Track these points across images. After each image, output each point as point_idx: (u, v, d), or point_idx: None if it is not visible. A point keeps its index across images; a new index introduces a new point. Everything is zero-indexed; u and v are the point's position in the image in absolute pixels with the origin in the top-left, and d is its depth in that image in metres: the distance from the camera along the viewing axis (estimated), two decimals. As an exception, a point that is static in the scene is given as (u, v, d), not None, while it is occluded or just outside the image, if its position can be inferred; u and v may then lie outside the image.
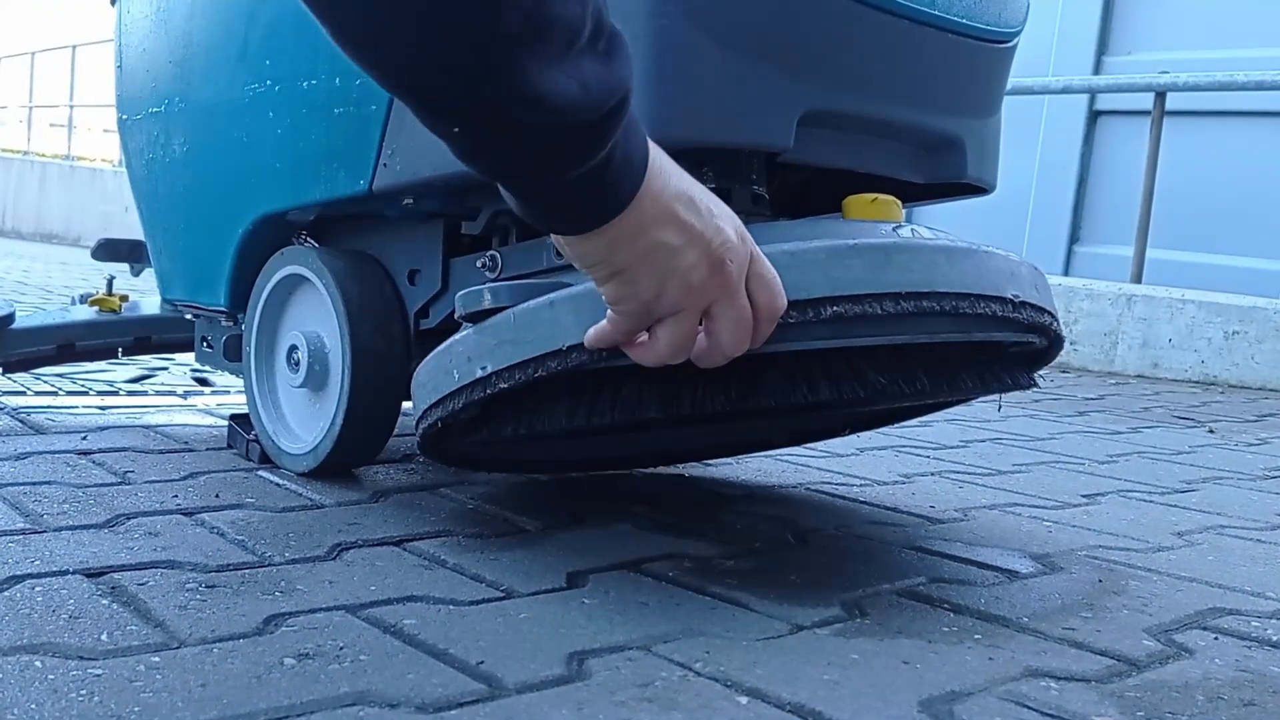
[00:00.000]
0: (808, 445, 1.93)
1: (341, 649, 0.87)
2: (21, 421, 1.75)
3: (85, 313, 1.96)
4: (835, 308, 0.97)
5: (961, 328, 1.05)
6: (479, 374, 1.03)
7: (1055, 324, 1.13)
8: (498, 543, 1.21)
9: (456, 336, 1.09)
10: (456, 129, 0.76)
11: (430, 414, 1.11)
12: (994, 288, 1.04)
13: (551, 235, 0.87)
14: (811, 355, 1.02)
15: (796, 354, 1.01)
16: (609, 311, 0.90)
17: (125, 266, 2.13)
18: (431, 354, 1.12)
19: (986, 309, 1.04)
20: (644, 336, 0.91)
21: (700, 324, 0.89)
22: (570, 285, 1.07)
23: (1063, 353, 4.07)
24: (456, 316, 1.14)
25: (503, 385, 1.02)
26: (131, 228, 1.93)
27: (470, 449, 1.28)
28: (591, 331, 0.94)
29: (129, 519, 1.21)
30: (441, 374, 1.09)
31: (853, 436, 2.06)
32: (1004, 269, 1.07)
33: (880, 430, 2.16)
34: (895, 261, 1.00)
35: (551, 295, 1.01)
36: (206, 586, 1.01)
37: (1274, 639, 1.03)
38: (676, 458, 1.65)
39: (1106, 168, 5.50)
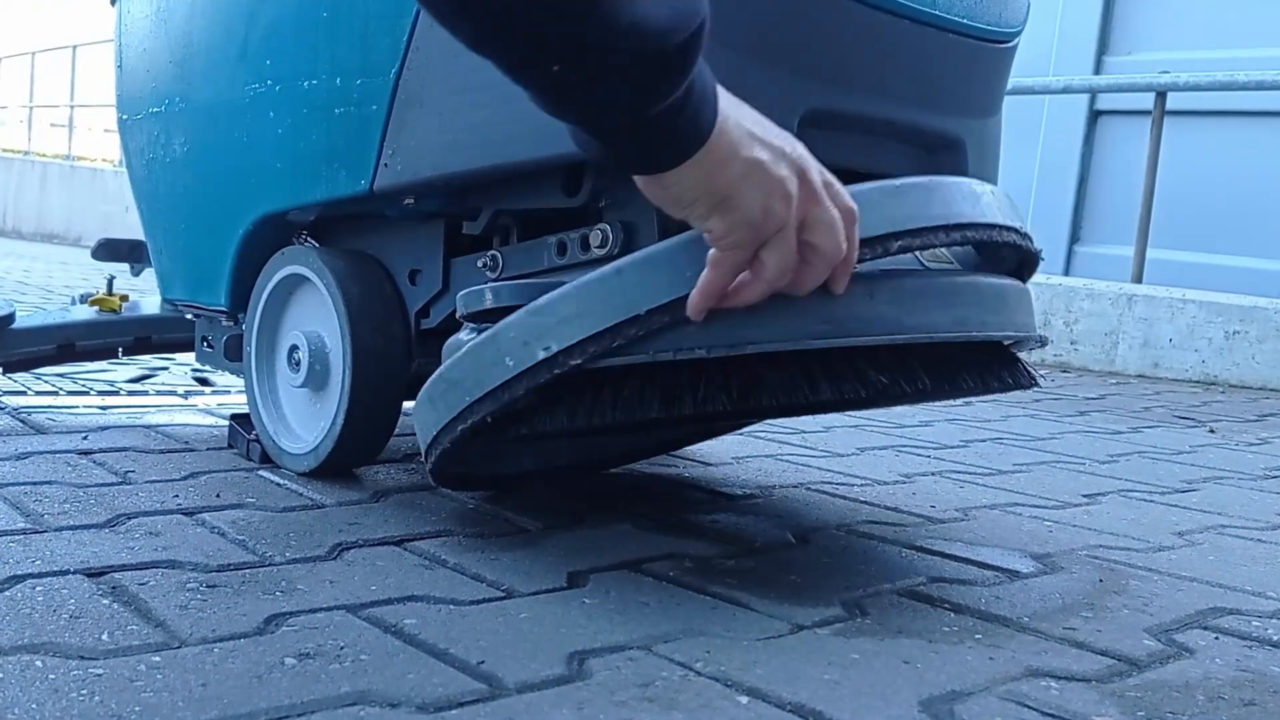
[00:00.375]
0: (807, 445, 1.93)
1: (342, 649, 0.87)
2: (22, 421, 1.75)
3: (85, 313, 1.96)
4: (899, 242, 0.99)
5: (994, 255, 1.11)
6: (541, 355, 1.00)
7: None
8: (498, 542, 1.21)
9: (501, 325, 1.05)
10: (556, 67, 0.77)
11: (477, 409, 1.06)
12: (1006, 218, 1.09)
13: (644, 187, 0.89)
14: (812, 355, 1.02)
15: (797, 354, 1.01)
16: (712, 255, 0.91)
17: (125, 266, 2.13)
18: (461, 353, 1.09)
19: (1009, 238, 1.08)
20: (743, 277, 0.93)
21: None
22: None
23: (1064, 352, 4.07)
24: (458, 316, 1.14)
25: (574, 362, 0.99)
26: (132, 228, 1.93)
27: (472, 461, 1.27)
28: (697, 290, 0.93)
29: (130, 519, 1.21)
30: (490, 365, 1.05)
31: (853, 437, 2.06)
32: (1004, 203, 1.11)
33: (881, 430, 2.16)
34: (937, 196, 1.02)
35: (617, 263, 0.99)
36: (207, 586, 1.01)
37: (1274, 639, 1.03)
38: (664, 446, 1.66)
39: (1107, 168, 5.50)
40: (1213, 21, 5.12)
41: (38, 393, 2.07)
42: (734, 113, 0.87)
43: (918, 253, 1.08)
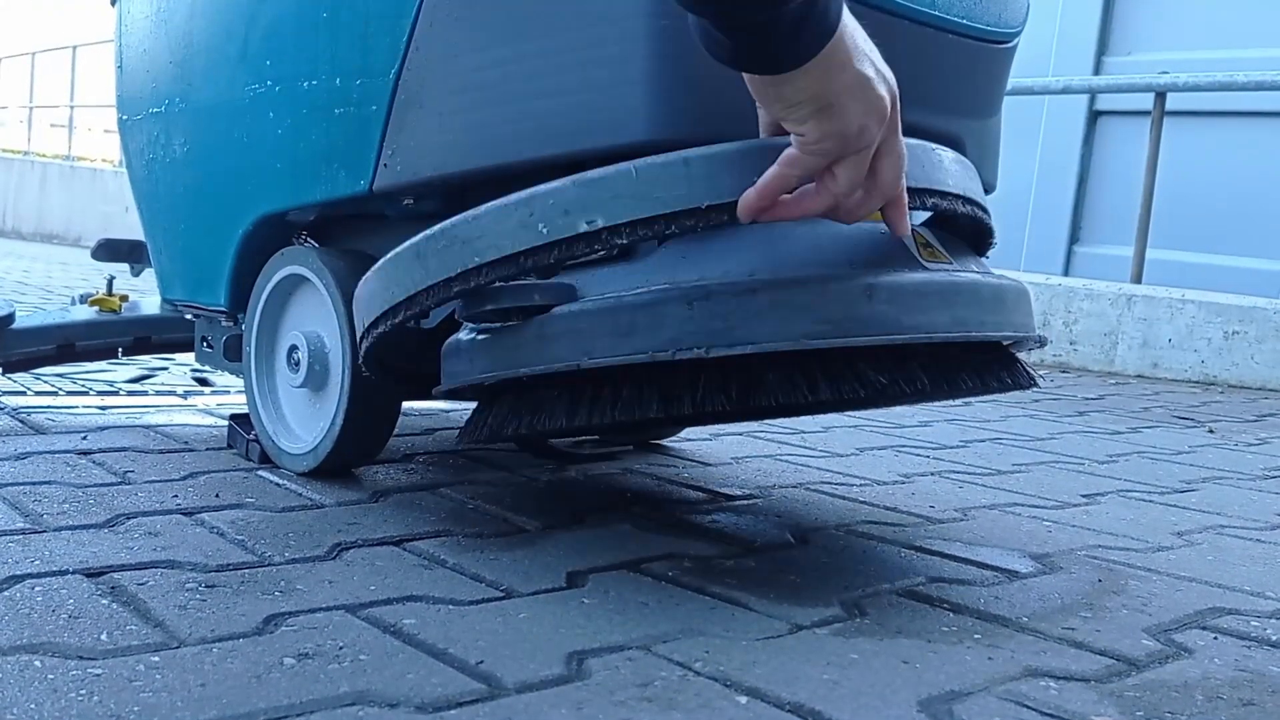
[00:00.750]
0: (807, 445, 1.93)
1: (341, 649, 0.87)
2: (22, 421, 1.75)
3: (85, 313, 1.96)
4: (933, 199, 1.03)
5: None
6: (584, 228, 0.97)
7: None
8: (497, 542, 1.21)
9: (536, 191, 1.01)
10: None
11: (484, 272, 1.02)
12: (967, 190, 1.12)
13: (754, 85, 0.90)
14: (811, 355, 1.02)
15: (796, 353, 1.01)
16: (787, 154, 0.91)
17: (125, 266, 2.13)
18: (477, 211, 1.04)
19: (967, 209, 1.10)
20: (805, 189, 0.93)
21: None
22: (570, 284, 1.07)
23: (1063, 352, 4.07)
24: (457, 316, 1.13)
25: (618, 241, 0.97)
26: (132, 228, 1.93)
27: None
28: (756, 187, 0.93)
29: (129, 519, 1.21)
30: (517, 228, 1.00)
31: (853, 437, 2.06)
32: (968, 174, 1.14)
33: (880, 430, 2.16)
34: (915, 160, 1.04)
35: (684, 153, 0.98)
36: (206, 586, 1.01)
37: (1273, 639, 1.03)
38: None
39: (1106, 168, 5.51)
40: (1212, 22, 5.12)
41: (37, 393, 2.07)
42: (851, 23, 0.88)
43: (915, 250, 1.08)
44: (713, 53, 0.89)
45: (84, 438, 1.64)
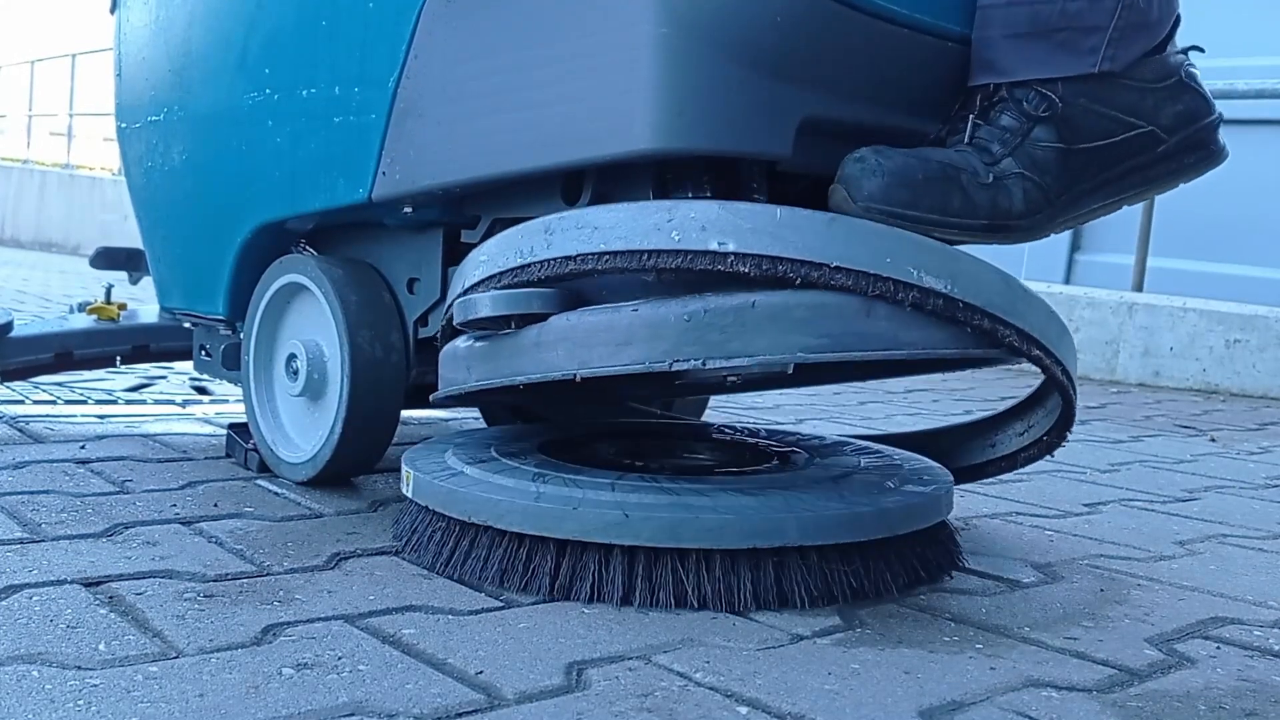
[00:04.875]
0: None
1: (340, 659, 0.87)
2: (20, 430, 1.75)
3: (83, 321, 1.96)
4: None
5: None
6: (713, 247, 1.00)
7: None
8: (497, 552, 1.20)
9: (684, 203, 1.05)
10: None
11: (603, 260, 1.04)
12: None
13: None
14: None
15: None
16: None
17: (124, 275, 2.13)
18: (614, 207, 1.07)
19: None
20: None
21: None
22: (568, 293, 1.07)
23: (1063, 361, 4.06)
24: (455, 324, 1.13)
25: (740, 268, 1.00)
26: (130, 236, 1.93)
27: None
28: None
29: (127, 528, 1.21)
30: (652, 229, 1.03)
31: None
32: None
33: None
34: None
35: (830, 214, 1.03)
36: (205, 596, 1.00)
37: (1276, 648, 1.02)
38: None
39: (1106, 176, 5.50)
40: (1212, 30, 5.12)
41: (36, 401, 2.06)
42: None
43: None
44: None
45: (82, 446, 1.63)
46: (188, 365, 1.93)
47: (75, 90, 12.24)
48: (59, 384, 2.28)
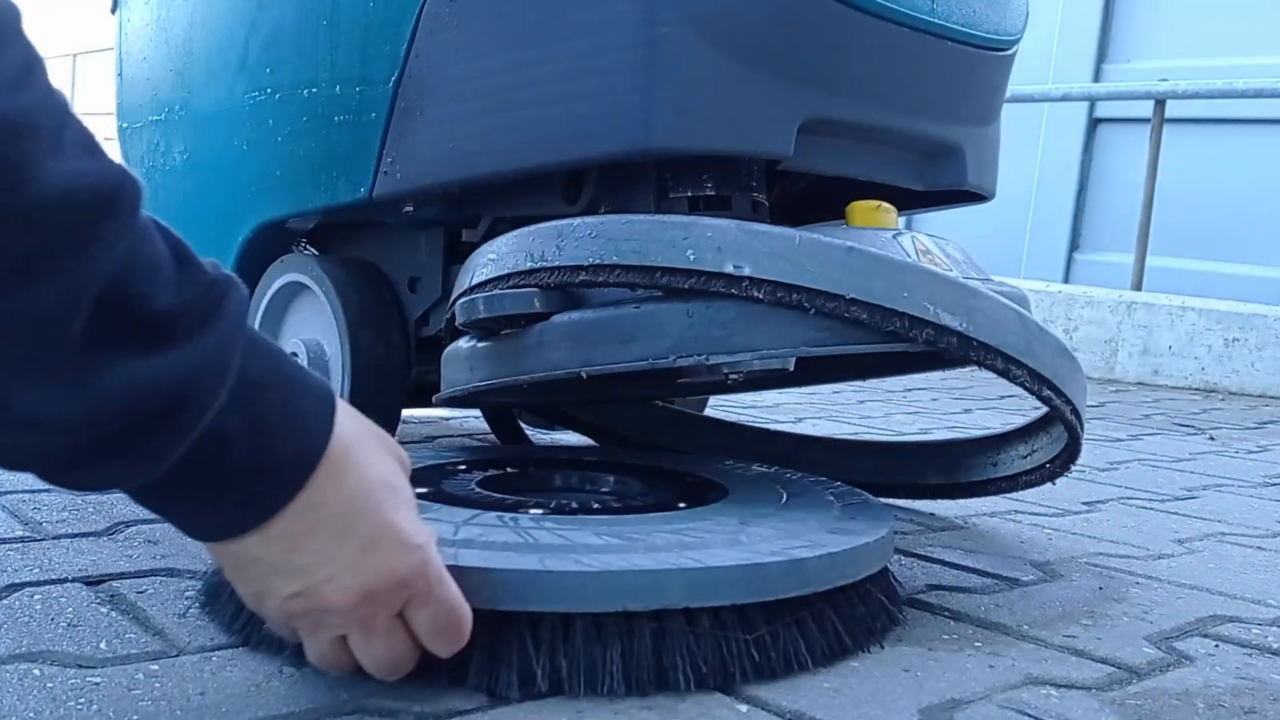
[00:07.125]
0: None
1: (341, 657, 0.87)
2: (21, 429, 1.75)
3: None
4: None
5: None
6: (729, 269, 0.98)
7: None
8: (497, 550, 1.20)
9: (703, 221, 1.02)
10: None
11: (614, 273, 1.02)
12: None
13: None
14: None
15: None
16: None
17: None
18: (634, 218, 1.05)
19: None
20: None
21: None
22: (571, 291, 1.08)
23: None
24: (457, 323, 1.14)
25: (754, 293, 0.98)
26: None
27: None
28: None
29: (128, 526, 1.21)
30: (668, 246, 1.00)
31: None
32: None
33: (879, 438, 2.16)
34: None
35: (850, 242, 0.99)
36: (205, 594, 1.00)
37: (1275, 646, 1.02)
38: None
39: (1106, 175, 5.51)
40: (1211, 29, 5.13)
41: (37, 400, 2.06)
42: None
43: (916, 259, 1.08)
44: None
45: (83, 445, 1.63)
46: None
47: (76, 90, 12.24)
48: (60, 383, 2.28)
